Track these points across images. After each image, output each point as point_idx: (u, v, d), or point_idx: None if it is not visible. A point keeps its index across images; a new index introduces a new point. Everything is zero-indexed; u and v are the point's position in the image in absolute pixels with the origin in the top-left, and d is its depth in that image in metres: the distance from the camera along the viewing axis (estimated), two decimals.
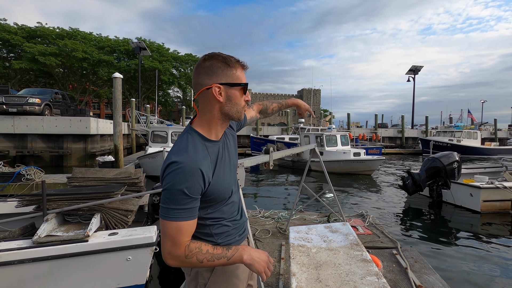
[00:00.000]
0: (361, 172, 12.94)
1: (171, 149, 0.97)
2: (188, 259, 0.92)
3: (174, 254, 0.91)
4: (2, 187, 5.45)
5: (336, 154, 13.39)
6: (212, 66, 0.95)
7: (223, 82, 0.96)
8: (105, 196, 2.99)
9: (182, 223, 0.90)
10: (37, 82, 33.22)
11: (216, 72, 0.95)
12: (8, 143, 12.62)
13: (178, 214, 0.89)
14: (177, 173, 0.87)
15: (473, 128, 25.27)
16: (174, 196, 0.88)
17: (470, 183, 6.55)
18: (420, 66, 36.07)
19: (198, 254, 0.93)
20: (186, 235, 0.92)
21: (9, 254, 2.35)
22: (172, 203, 0.88)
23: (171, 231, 0.89)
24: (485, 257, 4.33)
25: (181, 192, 0.87)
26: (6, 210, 3.76)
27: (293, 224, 4.28)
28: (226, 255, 0.98)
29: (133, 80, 33.30)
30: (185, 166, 0.88)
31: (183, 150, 0.92)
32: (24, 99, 12.39)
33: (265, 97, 62.41)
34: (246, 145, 26.00)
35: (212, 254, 0.95)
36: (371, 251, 3.31)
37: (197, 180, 0.90)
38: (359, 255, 1.94)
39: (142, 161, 10.95)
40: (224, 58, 0.96)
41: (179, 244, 0.91)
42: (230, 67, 0.97)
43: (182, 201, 0.88)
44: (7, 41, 27.24)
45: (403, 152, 26.40)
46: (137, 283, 2.71)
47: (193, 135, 0.98)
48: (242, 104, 1.02)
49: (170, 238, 0.90)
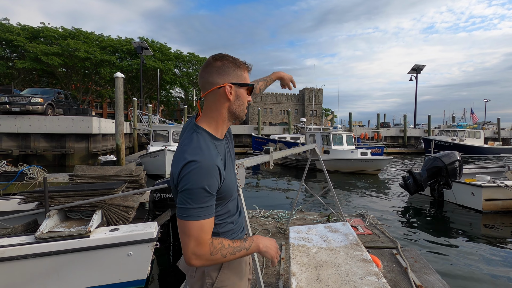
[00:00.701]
0: (368, 172, 12.82)
1: (181, 149, 0.96)
2: (213, 256, 0.92)
3: (199, 253, 0.90)
4: (5, 186, 5.50)
5: (344, 153, 13.26)
6: (224, 66, 0.98)
7: (234, 82, 1.00)
8: (106, 192, 3.01)
9: (205, 221, 0.90)
10: (40, 81, 33.47)
11: (228, 72, 0.99)
12: (12, 143, 12.72)
13: (200, 212, 0.89)
14: (197, 171, 0.87)
15: (476, 127, 25.14)
16: (196, 195, 0.87)
17: (471, 182, 6.53)
18: (422, 65, 35.93)
19: (222, 249, 0.94)
20: (209, 233, 0.92)
21: (12, 250, 2.39)
22: (193, 202, 0.88)
23: (195, 231, 0.89)
24: (486, 256, 4.32)
25: (203, 190, 0.88)
26: (9, 208, 3.81)
27: (293, 224, 4.27)
28: (244, 246, 1.00)
29: (135, 79, 33.46)
30: (204, 164, 0.88)
31: (197, 148, 0.92)
32: (27, 98, 12.47)
33: (267, 96, 62.36)
34: (247, 144, 26.02)
35: (233, 247, 0.97)
36: (371, 251, 3.31)
37: (215, 177, 0.91)
38: (359, 255, 1.96)
39: (144, 160, 11.02)
40: (234, 60, 1.01)
41: (203, 243, 0.90)
42: (240, 68, 1.01)
43: (204, 199, 0.89)
44: (10, 42, 27.46)
45: (405, 151, 26.32)
46: (138, 278, 2.75)
47: (202, 133, 0.98)
48: (246, 104, 1.05)
49: (193, 238, 0.89)
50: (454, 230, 5.54)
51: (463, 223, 5.89)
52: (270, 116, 61.18)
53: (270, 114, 61.49)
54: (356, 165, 12.82)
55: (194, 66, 39.81)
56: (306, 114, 60.33)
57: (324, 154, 13.62)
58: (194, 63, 39.34)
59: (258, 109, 28.43)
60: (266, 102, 61.76)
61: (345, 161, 12.90)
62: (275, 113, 62.06)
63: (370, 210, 6.51)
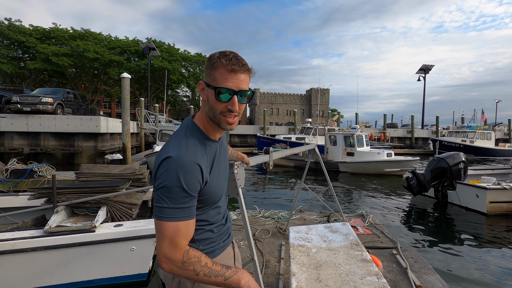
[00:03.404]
0: (394, 173, 12.23)
1: (165, 143, 0.91)
2: (184, 266, 0.84)
3: (171, 257, 0.83)
4: (16, 183, 5.68)
5: (370, 154, 12.62)
6: (206, 64, 0.93)
7: (205, 80, 0.92)
8: (111, 190, 3.12)
9: (181, 223, 0.83)
10: (50, 81, 34.18)
11: (205, 69, 0.93)
12: (23, 141, 13.07)
13: (176, 213, 0.82)
14: (174, 168, 0.81)
15: (486, 128, 24.63)
16: (172, 194, 0.81)
17: (476, 184, 6.45)
18: (431, 65, 35.42)
19: (196, 265, 0.85)
20: (185, 237, 0.85)
21: (23, 242, 2.53)
22: (169, 202, 0.81)
23: (169, 233, 0.82)
24: (487, 258, 4.28)
25: (180, 189, 0.81)
26: (18, 204, 3.96)
27: (293, 224, 4.26)
28: (224, 274, 0.89)
29: (143, 79, 33.89)
30: (183, 161, 0.82)
31: (179, 144, 0.86)
32: (37, 98, 12.79)
33: (273, 97, 62.27)
34: (253, 144, 26.11)
35: (210, 269, 0.87)
36: (371, 251, 3.31)
37: (195, 176, 0.84)
38: (359, 255, 1.98)
39: (149, 158, 11.20)
40: (212, 56, 0.90)
41: (177, 246, 0.83)
42: (211, 65, 0.89)
43: (181, 199, 0.82)
44: (22, 43, 28.15)
45: (412, 152, 26.00)
46: (140, 271, 2.86)
47: (193, 129, 0.94)
48: (219, 110, 0.90)
49: (167, 239, 0.82)
50: (456, 231, 5.50)
51: (466, 225, 5.83)
52: (276, 116, 61.14)
53: (276, 114, 61.44)
54: (384, 167, 12.24)
55: (201, 67, 40.12)
56: (312, 115, 60.07)
57: (348, 156, 12.99)
58: (200, 63, 39.64)
59: (264, 109, 28.49)
60: (273, 102, 61.74)
61: (374, 163, 12.27)
62: (282, 113, 61.98)
63: (374, 211, 6.51)
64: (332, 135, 13.82)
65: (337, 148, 13.36)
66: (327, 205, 4.11)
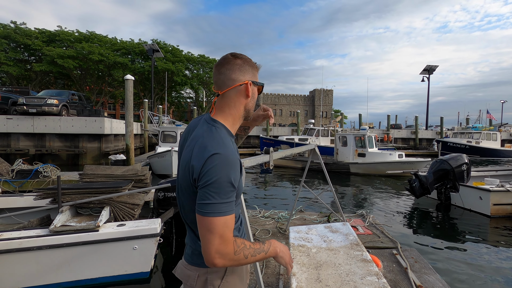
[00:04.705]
0: (405, 174, 11.87)
1: (201, 142, 0.90)
2: (236, 255, 0.87)
3: (224, 251, 0.84)
4: (21, 183, 5.78)
5: (382, 155, 12.54)
6: (244, 64, 1.01)
7: (252, 80, 1.03)
8: (114, 190, 3.19)
9: (229, 217, 0.85)
10: (56, 83, 34.62)
11: (248, 70, 1.02)
12: (28, 142, 13.26)
13: (224, 208, 0.84)
14: (224, 164, 0.83)
15: (492, 129, 24.37)
16: (222, 189, 0.83)
17: (479, 186, 6.40)
18: (435, 65, 35.15)
19: (244, 250, 0.89)
20: (232, 230, 0.88)
21: (29, 241, 2.60)
22: (218, 197, 0.83)
23: (219, 228, 0.83)
24: (489, 259, 4.26)
25: (230, 184, 0.84)
26: (24, 204, 4.05)
27: (293, 224, 4.28)
28: (263, 249, 0.95)
29: (147, 81, 34.13)
30: (229, 157, 0.85)
31: (220, 141, 0.89)
32: (43, 100, 12.99)
33: (277, 98, 62.37)
34: (256, 145, 26.13)
35: (254, 249, 0.92)
36: (371, 251, 3.31)
37: (238, 171, 0.89)
38: (359, 255, 1.99)
39: (152, 160, 11.26)
40: (250, 60, 1.05)
41: (228, 240, 0.85)
42: (255, 67, 1.06)
43: (229, 194, 0.85)
44: (28, 46, 28.56)
45: (416, 153, 25.81)
46: (142, 270, 2.92)
47: (221, 128, 0.97)
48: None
49: (218, 235, 0.83)
50: (458, 232, 5.48)
51: (469, 227, 5.80)
52: (279, 117, 61.18)
53: (279, 115, 61.50)
54: (396, 168, 12.08)
55: (204, 68, 40.33)
56: (316, 116, 59.99)
57: (359, 157, 12.89)
58: (203, 64, 39.84)
59: None
60: (276, 103, 61.81)
61: (386, 164, 12.18)
62: (285, 114, 61.99)
63: (375, 212, 6.50)
64: (343, 135, 13.54)
65: (348, 149, 13.23)
66: (327, 205, 4.11)
